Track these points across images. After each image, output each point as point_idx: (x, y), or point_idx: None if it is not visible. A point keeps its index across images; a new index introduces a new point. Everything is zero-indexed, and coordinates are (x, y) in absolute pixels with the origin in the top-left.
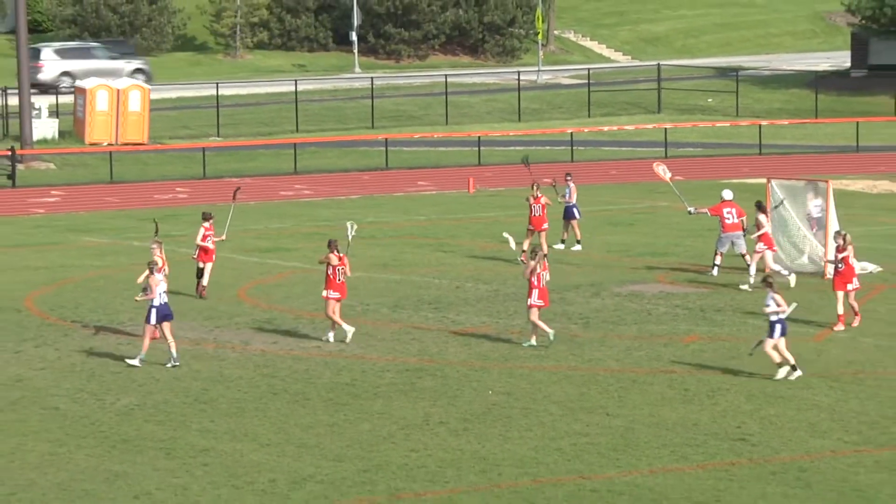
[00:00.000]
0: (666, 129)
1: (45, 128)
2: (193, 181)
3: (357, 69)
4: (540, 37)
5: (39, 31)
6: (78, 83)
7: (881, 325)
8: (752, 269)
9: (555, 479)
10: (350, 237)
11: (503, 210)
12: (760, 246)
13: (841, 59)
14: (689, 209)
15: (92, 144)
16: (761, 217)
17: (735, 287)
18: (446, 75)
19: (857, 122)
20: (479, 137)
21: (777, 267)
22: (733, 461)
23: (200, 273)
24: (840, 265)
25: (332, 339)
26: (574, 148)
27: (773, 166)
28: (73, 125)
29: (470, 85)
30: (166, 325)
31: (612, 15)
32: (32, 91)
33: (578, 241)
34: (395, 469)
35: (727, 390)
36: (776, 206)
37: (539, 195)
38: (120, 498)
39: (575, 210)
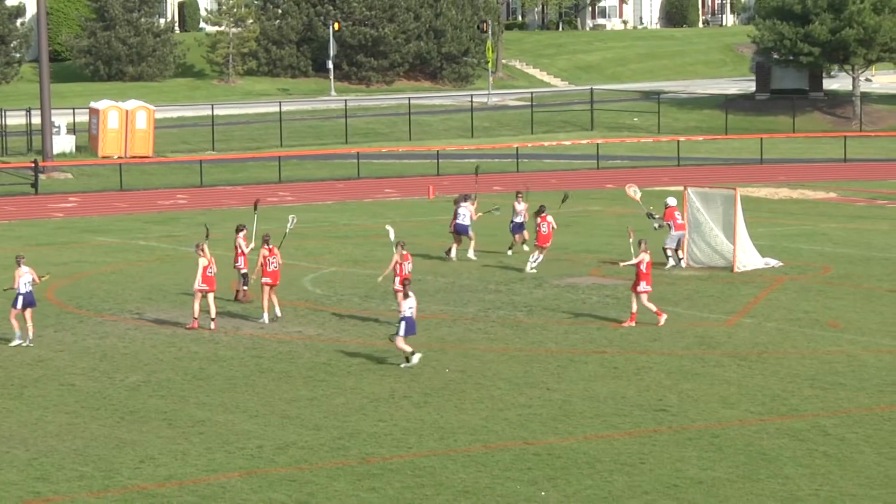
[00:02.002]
0: (598, 143)
1: (63, 143)
2: (192, 189)
3: (333, 93)
4: (490, 65)
5: (59, 59)
6: (92, 104)
7: (782, 311)
8: (672, 261)
9: (503, 445)
10: (288, 229)
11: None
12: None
13: (747, 85)
14: (654, 225)
15: (104, 157)
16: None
17: (657, 279)
18: (410, 98)
19: (761, 139)
20: (437, 151)
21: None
22: (655, 429)
23: (245, 280)
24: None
25: (266, 321)
26: (519, 160)
27: (689, 176)
28: (88, 141)
29: (430, 106)
30: (28, 311)
31: (551, 46)
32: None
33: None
34: (365, 437)
35: (650, 368)
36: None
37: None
38: (128, 462)
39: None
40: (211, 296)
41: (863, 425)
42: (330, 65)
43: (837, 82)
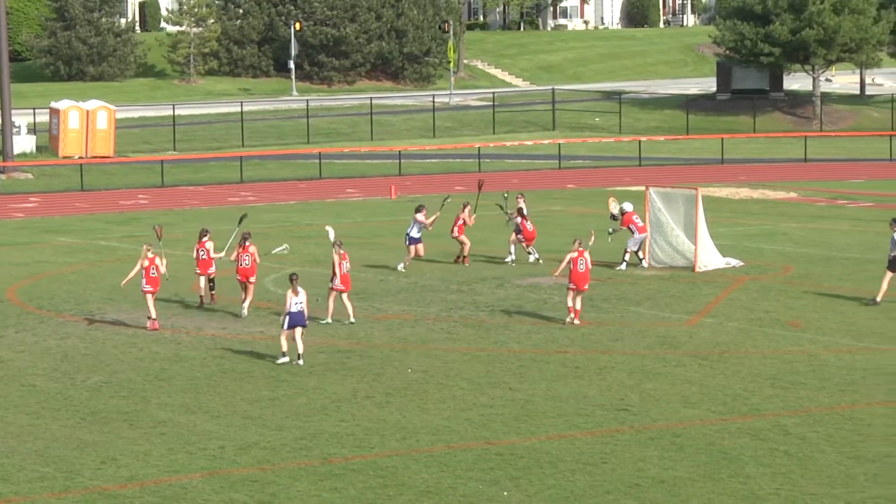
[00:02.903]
0: (559, 143)
1: (24, 143)
2: (153, 189)
3: (294, 92)
4: (452, 65)
5: (19, 59)
6: (53, 104)
7: (743, 311)
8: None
9: (465, 445)
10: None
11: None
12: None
13: (708, 85)
14: (609, 229)
15: (65, 157)
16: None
17: (619, 279)
18: (371, 98)
19: (722, 139)
20: (399, 151)
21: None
22: (617, 428)
23: (213, 284)
24: (581, 267)
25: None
26: (481, 160)
27: (650, 176)
28: (48, 141)
29: (392, 106)
30: None
31: (513, 47)
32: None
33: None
34: (327, 437)
35: (612, 368)
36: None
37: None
38: (89, 463)
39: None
40: (150, 297)
41: (823, 424)
42: (291, 64)
43: (798, 82)
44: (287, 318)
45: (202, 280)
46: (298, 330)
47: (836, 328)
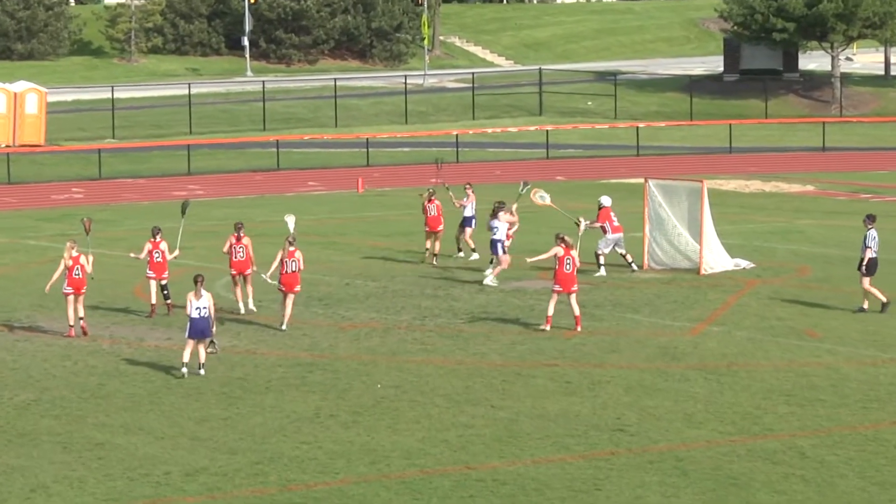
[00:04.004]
0: (547, 130)
1: None
2: (89, 182)
3: (249, 73)
4: (426, 42)
5: None
6: None
7: (753, 319)
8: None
9: (441, 470)
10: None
11: (391, 209)
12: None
13: (714, 64)
14: (581, 225)
15: None
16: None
17: (614, 283)
18: (335, 79)
19: (730, 125)
20: (367, 139)
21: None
22: (613, 451)
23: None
24: (567, 268)
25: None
26: (459, 149)
27: (650, 167)
28: None
29: (358, 88)
30: None
31: (495, 21)
32: None
33: (473, 250)
34: (286, 461)
35: (607, 382)
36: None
37: (433, 197)
38: (17, 491)
39: (473, 220)
40: (80, 299)
41: (844, 446)
42: (245, 42)
43: (815, 62)
44: (189, 325)
45: (153, 285)
46: (206, 341)
47: (858, 338)
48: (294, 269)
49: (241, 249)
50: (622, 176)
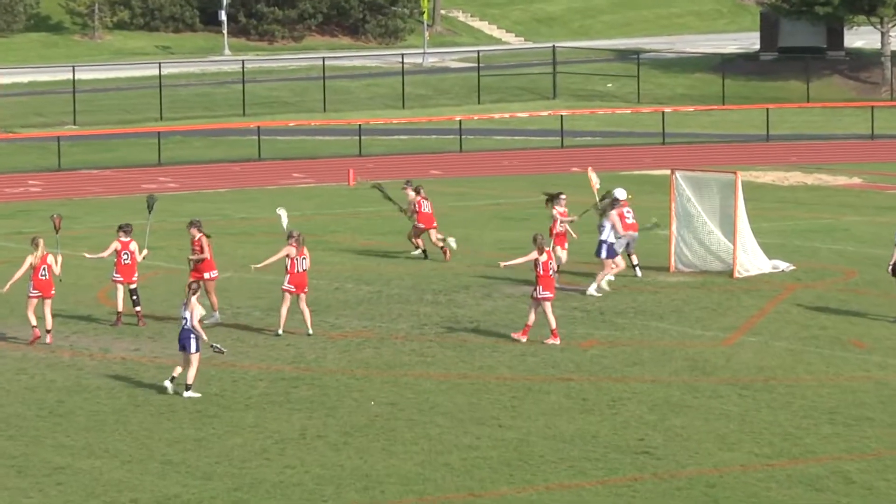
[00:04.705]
0: (562, 116)
1: None
2: (47, 173)
3: (227, 51)
4: (425, 17)
5: None
6: None
7: (793, 327)
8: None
9: (443, 497)
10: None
11: (387, 204)
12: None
13: (749, 41)
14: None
15: None
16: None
17: (637, 287)
18: (324, 58)
19: (767, 109)
20: (359, 126)
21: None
22: (636, 476)
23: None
24: (552, 272)
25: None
26: (463, 137)
27: (677, 157)
28: None
29: (350, 69)
30: None
31: None
32: None
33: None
34: (268, 487)
35: (629, 399)
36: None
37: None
38: None
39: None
40: (48, 302)
41: (895, 471)
42: (223, 16)
43: (862, 38)
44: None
45: (121, 290)
46: (191, 359)
47: None
48: (304, 268)
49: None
50: (646, 167)
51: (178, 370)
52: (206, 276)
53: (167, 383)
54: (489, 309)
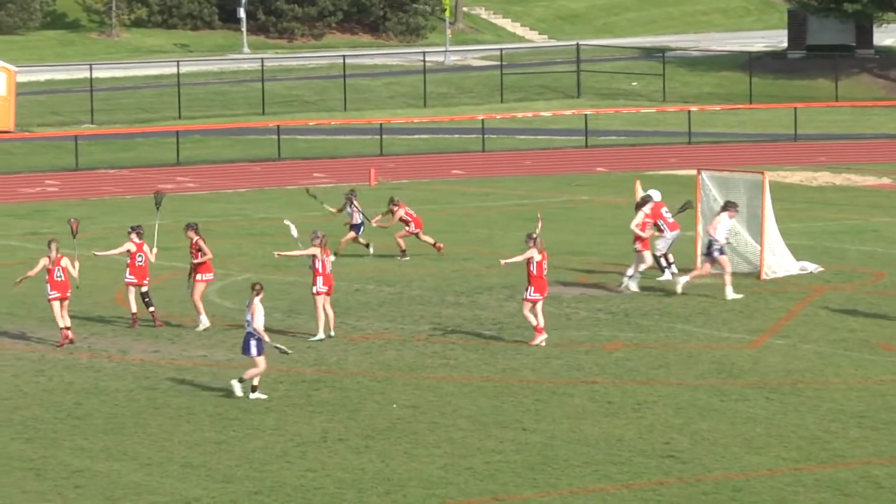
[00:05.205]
0: (586, 115)
1: None
2: (64, 173)
3: (245, 49)
4: (447, 14)
5: None
6: None
7: (822, 330)
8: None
9: (466, 501)
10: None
11: (408, 204)
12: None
13: (777, 39)
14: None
15: None
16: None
17: (663, 289)
18: (344, 56)
19: (795, 108)
20: (380, 125)
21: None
22: (661, 480)
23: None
24: (545, 272)
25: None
26: (485, 136)
27: (703, 156)
28: None
29: (370, 67)
30: None
31: None
32: None
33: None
34: (289, 491)
35: (654, 403)
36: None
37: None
38: None
39: (361, 227)
40: (64, 303)
41: None
42: (242, 14)
43: (892, 36)
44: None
45: (133, 292)
46: (257, 361)
47: None
48: (331, 270)
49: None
50: (672, 167)
51: (249, 374)
52: (200, 277)
53: (234, 382)
54: (512, 311)
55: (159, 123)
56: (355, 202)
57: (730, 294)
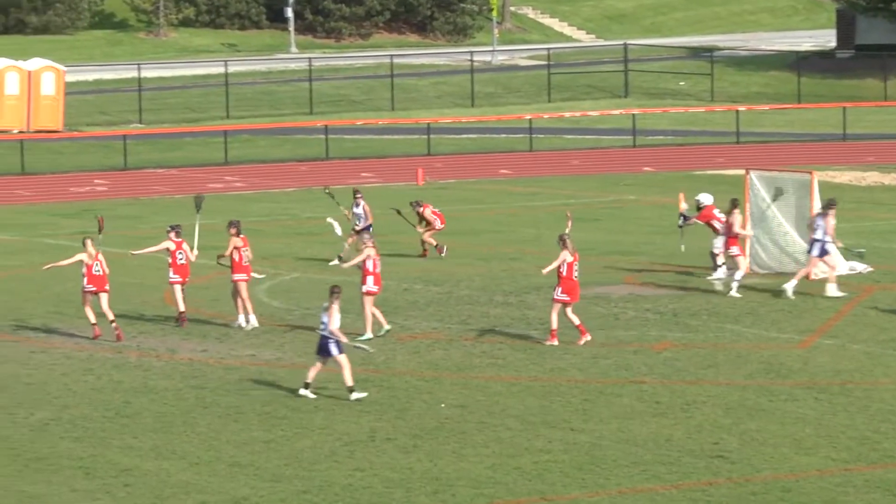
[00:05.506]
0: (634, 115)
1: None
2: (113, 172)
3: (293, 49)
4: (494, 13)
5: None
6: None
7: (871, 330)
8: (723, 271)
9: (514, 501)
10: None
11: (455, 204)
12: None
13: (825, 39)
14: (679, 221)
15: (1, 132)
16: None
17: (711, 289)
18: (392, 56)
19: (844, 108)
20: (428, 124)
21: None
22: (710, 480)
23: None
24: (576, 275)
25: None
26: (533, 136)
27: (751, 156)
28: None
29: (418, 66)
30: None
31: None
32: None
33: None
34: (337, 490)
35: (703, 403)
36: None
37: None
38: None
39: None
40: (104, 297)
41: None
42: (289, 13)
43: None
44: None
45: (178, 290)
46: (340, 361)
47: None
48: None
49: (247, 253)
50: (719, 166)
51: (311, 375)
52: (236, 277)
53: (304, 391)
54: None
55: (207, 123)
56: (363, 203)
57: (832, 292)
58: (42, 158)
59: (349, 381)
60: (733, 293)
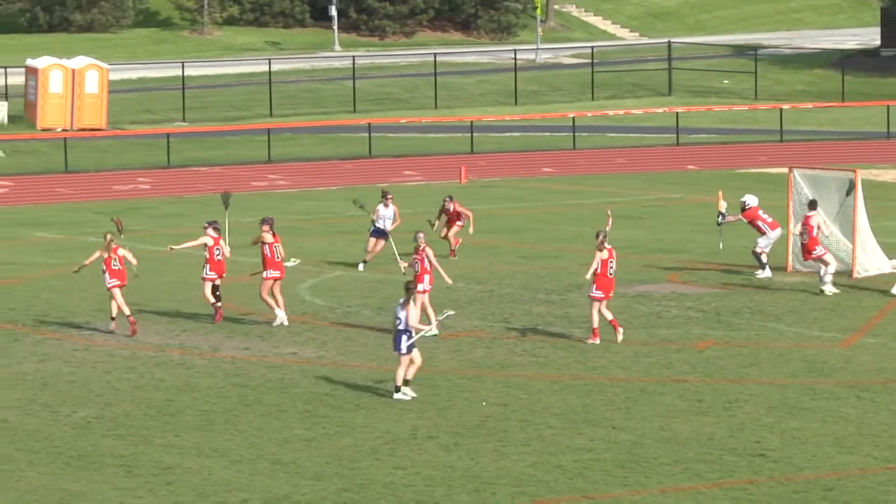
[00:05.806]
0: (677, 113)
1: None
2: (156, 170)
3: (337, 47)
4: (538, 12)
5: None
6: (29, 62)
7: None
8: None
9: (555, 500)
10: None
11: (498, 202)
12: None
13: (870, 37)
14: (718, 219)
15: (44, 130)
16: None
17: (754, 287)
18: (435, 54)
19: (888, 106)
20: (471, 122)
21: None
22: (752, 479)
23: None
24: (611, 272)
25: (282, 322)
26: (576, 134)
27: (795, 155)
28: (23, 109)
29: (461, 65)
30: None
31: None
32: None
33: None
34: (379, 488)
35: (745, 401)
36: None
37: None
38: None
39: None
40: (117, 292)
41: None
42: (333, 11)
43: None
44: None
45: (209, 287)
46: (412, 355)
47: None
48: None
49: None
50: (763, 165)
51: (399, 377)
52: (266, 273)
53: (398, 395)
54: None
55: (250, 121)
56: (392, 205)
57: (827, 288)
58: (85, 157)
59: (399, 381)
60: (829, 289)
